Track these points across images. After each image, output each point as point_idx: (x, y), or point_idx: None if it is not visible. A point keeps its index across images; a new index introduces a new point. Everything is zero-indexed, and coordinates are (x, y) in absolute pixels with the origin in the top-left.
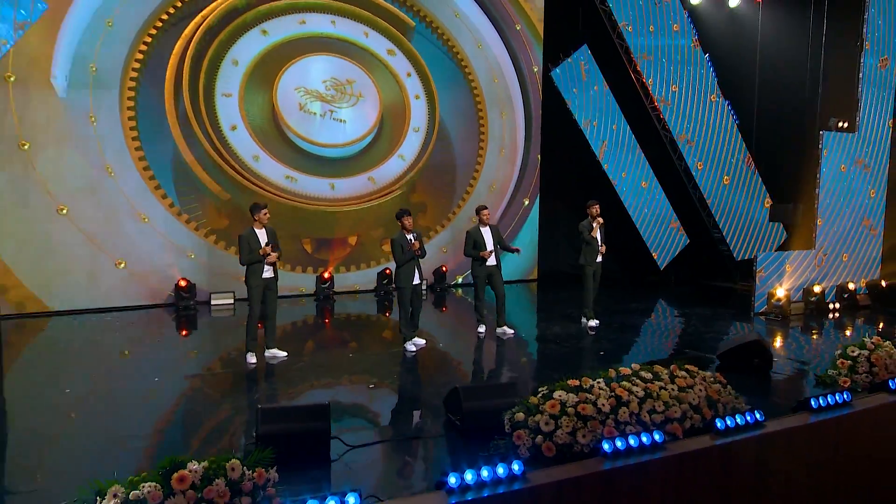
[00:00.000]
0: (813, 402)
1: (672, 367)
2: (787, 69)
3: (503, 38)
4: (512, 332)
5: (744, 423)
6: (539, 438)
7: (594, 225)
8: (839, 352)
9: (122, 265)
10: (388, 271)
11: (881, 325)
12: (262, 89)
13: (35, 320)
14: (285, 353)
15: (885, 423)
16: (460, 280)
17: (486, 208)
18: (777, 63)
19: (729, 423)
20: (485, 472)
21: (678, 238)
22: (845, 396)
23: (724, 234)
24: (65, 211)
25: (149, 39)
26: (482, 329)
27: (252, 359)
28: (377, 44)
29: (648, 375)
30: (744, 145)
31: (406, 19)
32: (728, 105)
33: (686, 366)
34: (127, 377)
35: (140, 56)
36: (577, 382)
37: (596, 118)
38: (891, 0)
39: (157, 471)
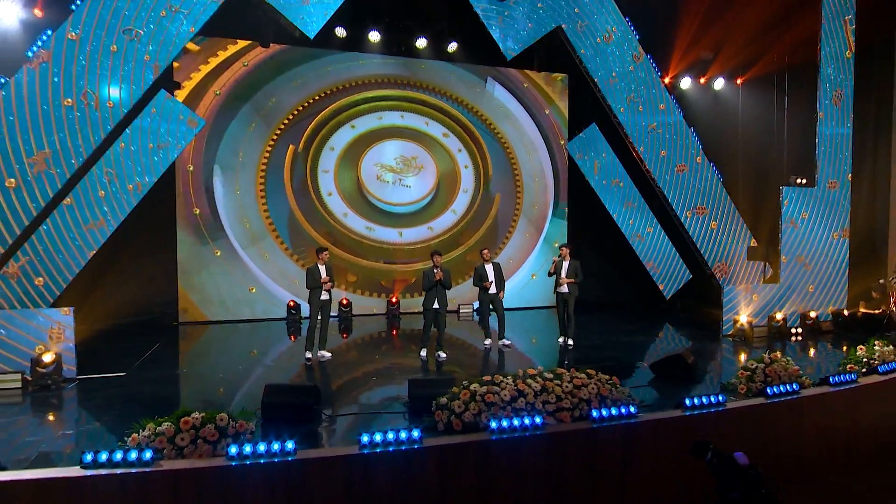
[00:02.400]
0: (687, 401)
1: (571, 369)
2: (763, 136)
3: (535, 119)
4: (510, 343)
5: (617, 413)
6: (453, 417)
7: (561, 262)
8: (742, 365)
9: (253, 290)
10: None
11: (844, 347)
12: (350, 166)
13: (199, 326)
14: (330, 354)
15: (754, 422)
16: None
17: (486, 249)
18: (754, 131)
19: (604, 413)
20: (390, 436)
21: (681, 273)
22: (720, 398)
23: (712, 270)
24: (218, 253)
25: (275, 137)
26: (488, 341)
27: (308, 355)
28: (435, 129)
29: (550, 375)
30: (728, 198)
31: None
32: (712, 166)
33: (587, 370)
34: (228, 363)
35: (269, 148)
36: (490, 378)
37: (607, 179)
38: (838, 80)
39: (174, 416)
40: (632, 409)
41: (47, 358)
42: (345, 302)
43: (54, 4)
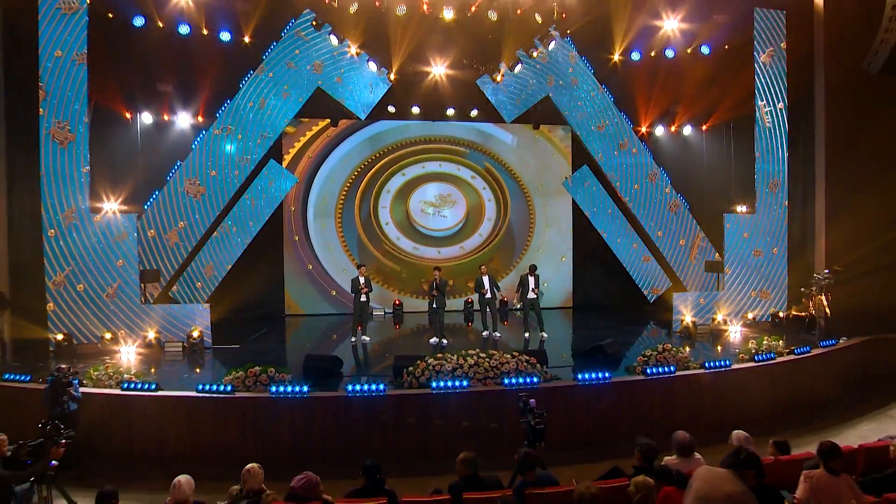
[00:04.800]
0: (580, 376)
1: (499, 351)
2: (721, 173)
3: (542, 162)
4: (499, 335)
5: (522, 382)
6: (412, 378)
7: (529, 278)
8: (641, 352)
9: (334, 293)
10: (469, 300)
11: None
12: (402, 203)
13: (297, 318)
14: (369, 338)
15: (636, 394)
16: (518, 306)
17: (483, 265)
18: (715, 169)
19: (512, 381)
20: (366, 387)
21: (662, 281)
22: (606, 374)
23: (681, 278)
24: (310, 267)
25: (349, 182)
26: (486, 333)
27: (353, 339)
28: (465, 173)
29: (484, 355)
30: (695, 221)
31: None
32: (681, 196)
33: (513, 352)
34: (305, 341)
35: (345, 191)
36: (441, 354)
37: (597, 208)
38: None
39: (245, 368)
40: (534, 379)
41: (195, 334)
42: (397, 302)
43: (209, 113)
